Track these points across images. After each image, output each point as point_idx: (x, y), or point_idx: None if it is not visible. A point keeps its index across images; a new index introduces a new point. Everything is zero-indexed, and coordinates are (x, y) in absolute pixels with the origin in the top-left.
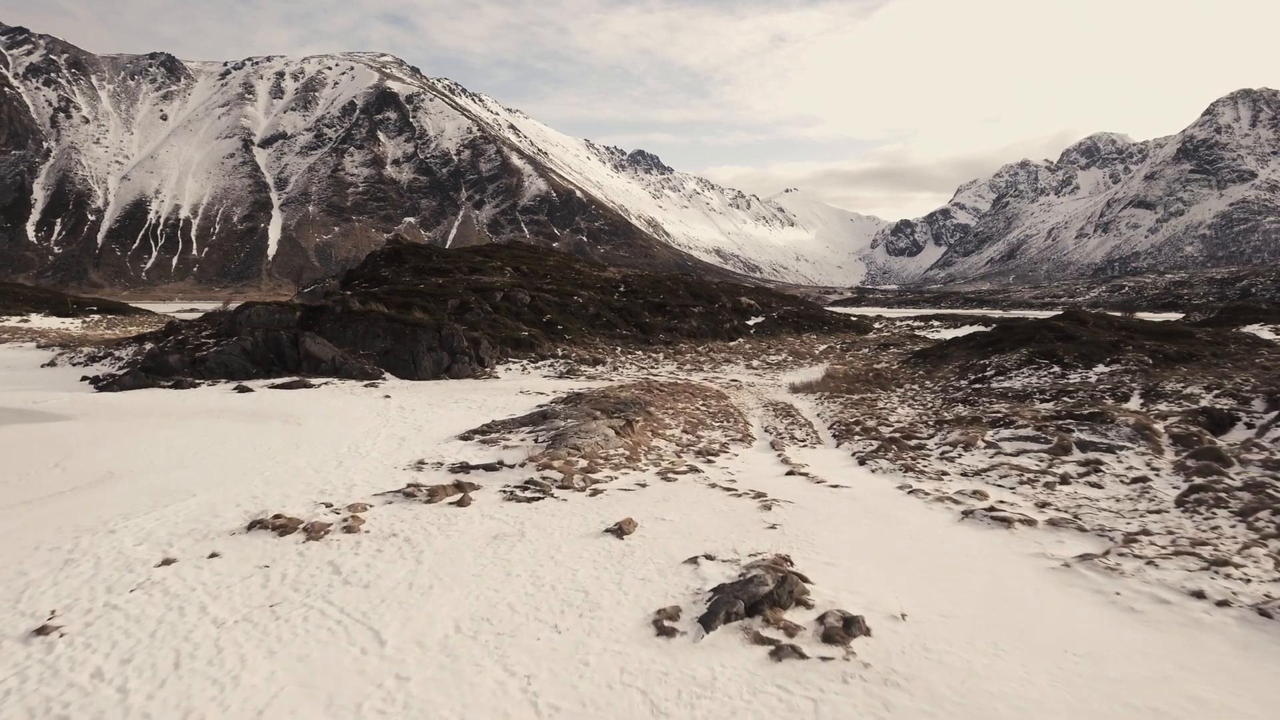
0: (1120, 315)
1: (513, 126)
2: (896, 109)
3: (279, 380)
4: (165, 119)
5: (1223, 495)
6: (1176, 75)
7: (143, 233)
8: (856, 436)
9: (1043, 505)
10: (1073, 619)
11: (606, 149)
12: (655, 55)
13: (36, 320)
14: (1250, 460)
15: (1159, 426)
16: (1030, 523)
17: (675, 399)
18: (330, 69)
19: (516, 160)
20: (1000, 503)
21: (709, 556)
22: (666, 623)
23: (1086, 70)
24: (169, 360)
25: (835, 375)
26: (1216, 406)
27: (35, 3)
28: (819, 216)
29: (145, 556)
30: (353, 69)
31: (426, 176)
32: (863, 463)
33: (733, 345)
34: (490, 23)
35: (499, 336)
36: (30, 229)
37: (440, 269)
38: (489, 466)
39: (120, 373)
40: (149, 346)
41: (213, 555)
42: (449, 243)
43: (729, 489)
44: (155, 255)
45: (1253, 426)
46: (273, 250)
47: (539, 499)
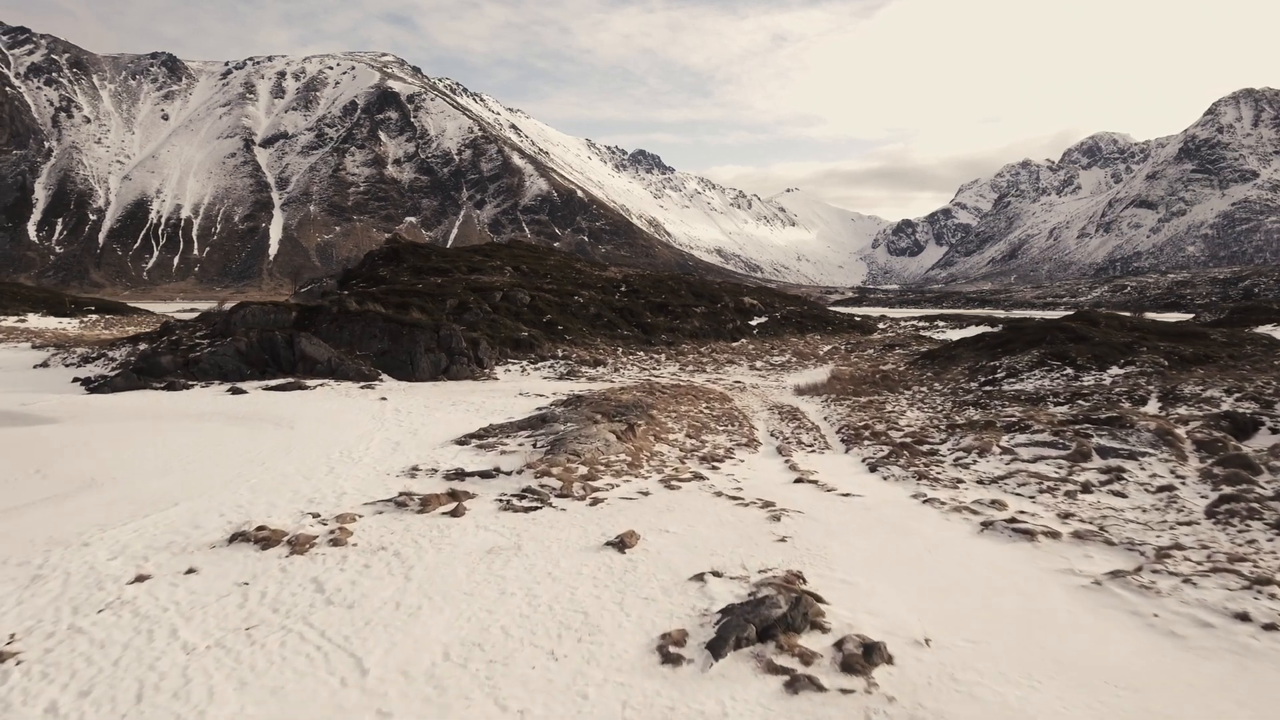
0: (1131, 315)
1: (514, 126)
2: (898, 108)
3: (273, 382)
4: (166, 119)
5: (1255, 506)
6: (1178, 75)
7: (144, 232)
8: (866, 441)
9: (1065, 516)
10: (1110, 644)
11: (608, 149)
12: (657, 55)
13: (34, 320)
14: None
15: (1181, 431)
16: (1054, 535)
17: (678, 401)
18: (331, 69)
19: (518, 160)
20: (1021, 513)
21: (716, 573)
22: (672, 649)
23: (1087, 70)
24: (162, 361)
25: (841, 377)
26: (1239, 410)
27: (37, 3)
28: (820, 216)
29: (118, 572)
30: (354, 69)
31: (428, 176)
32: (873, 469)
33: (735, 346)
34: (492, 22)
35: (498, 337)
36: (31, 229)
37: (439, 268)
38: (485, 473)
39: (112, 374)
40: (143, 347)
41: (190, 571)
42: (450, 242)
43: (735, 498)
44: (156, 255)
45: (1278, 432)
46: (274, 250)
47: (537, 508)
